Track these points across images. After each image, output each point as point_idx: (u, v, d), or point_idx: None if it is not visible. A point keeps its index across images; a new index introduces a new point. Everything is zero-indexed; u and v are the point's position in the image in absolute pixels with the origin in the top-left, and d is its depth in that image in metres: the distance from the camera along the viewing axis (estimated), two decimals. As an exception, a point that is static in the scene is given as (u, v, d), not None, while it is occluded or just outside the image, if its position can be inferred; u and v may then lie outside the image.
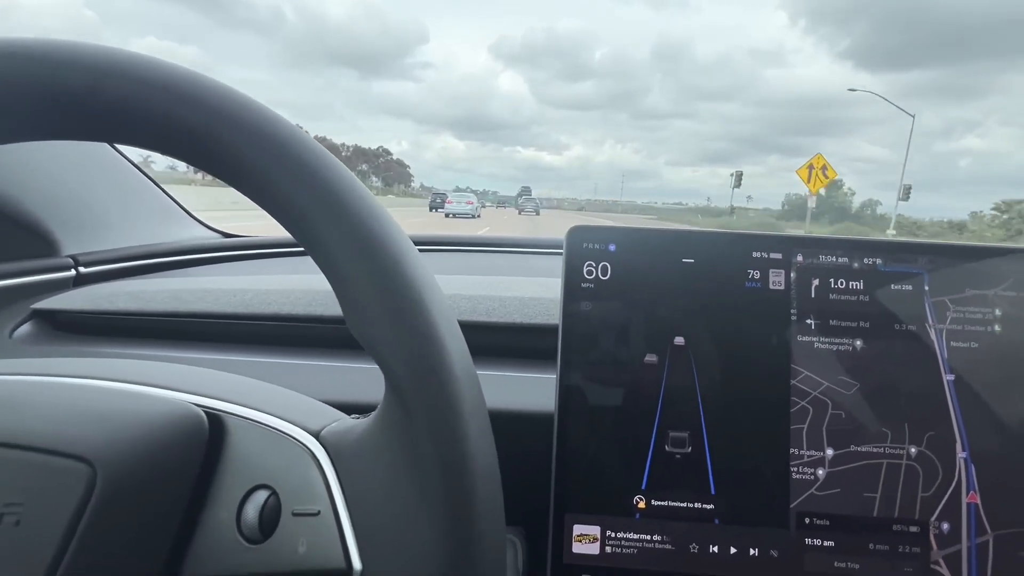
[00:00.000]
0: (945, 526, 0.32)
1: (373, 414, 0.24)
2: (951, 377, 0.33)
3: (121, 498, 0.21)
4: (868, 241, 0.35)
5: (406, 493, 0.21)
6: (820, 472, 0.33)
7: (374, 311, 0.20)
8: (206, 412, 0.25)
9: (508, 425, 0.43)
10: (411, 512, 0.21)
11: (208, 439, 0.25)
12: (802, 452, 0.33)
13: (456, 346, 0.22)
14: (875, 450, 0.33)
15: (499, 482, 0.22)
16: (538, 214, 35.09)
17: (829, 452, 0.33)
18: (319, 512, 0.23)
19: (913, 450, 0.33)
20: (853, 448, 0.33)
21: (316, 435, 0.25)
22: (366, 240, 0.20)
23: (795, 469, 0.33)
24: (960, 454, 0.33)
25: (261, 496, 0.24)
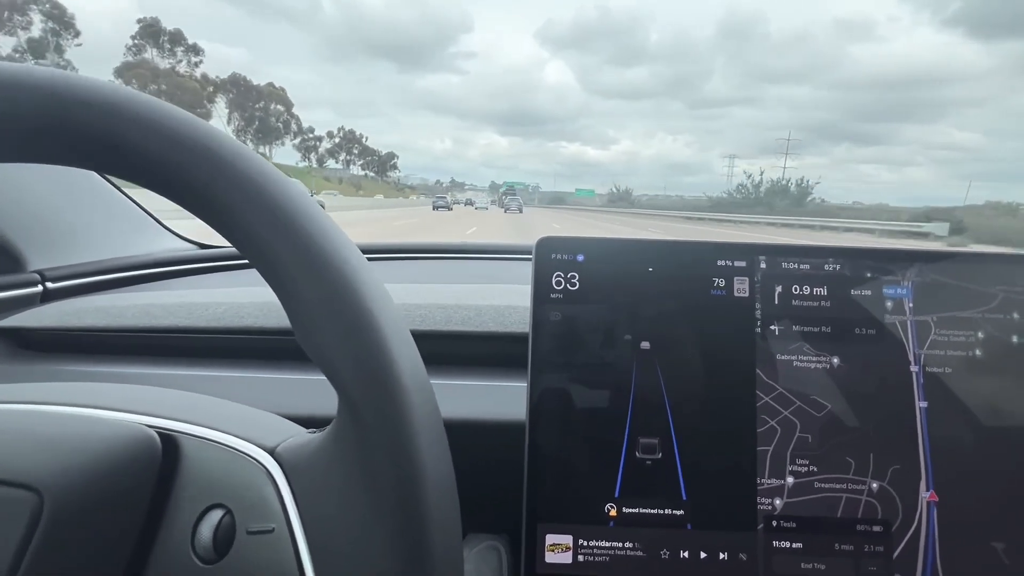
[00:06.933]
0: None
1: (328, 428, 0.24)
2: (924, 404, 0.32)
3: (71, 525, 0.21)
4: (837, 248, 0.34)
5: (360, 507, 0.21)
6: (778, 502, 0.32)
7: (323, 327, 0.20)
8: (159, 433, 0.25)
9: (491, 434, 0.43)
10: (365, 526, 0.21)
11: (162, 461, 0.24)
12: (763, 481, 0.32)
13: (407, 358, 0.21)
14: (836, 485, 0.32)
15: (454, 492, 0.22)
16: (521, 211, 38.31)
17: (790, 480, 0.32)
18: (273, 529, 0.23)
19: (875, 485, 0.32)
20: (814, 480, 0.32)
21: (271, 452, 0.25)
22: (314, 256, 0.20)
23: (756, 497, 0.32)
24: (923, 494, 0.31)
25: (216, 515, 0.24)
